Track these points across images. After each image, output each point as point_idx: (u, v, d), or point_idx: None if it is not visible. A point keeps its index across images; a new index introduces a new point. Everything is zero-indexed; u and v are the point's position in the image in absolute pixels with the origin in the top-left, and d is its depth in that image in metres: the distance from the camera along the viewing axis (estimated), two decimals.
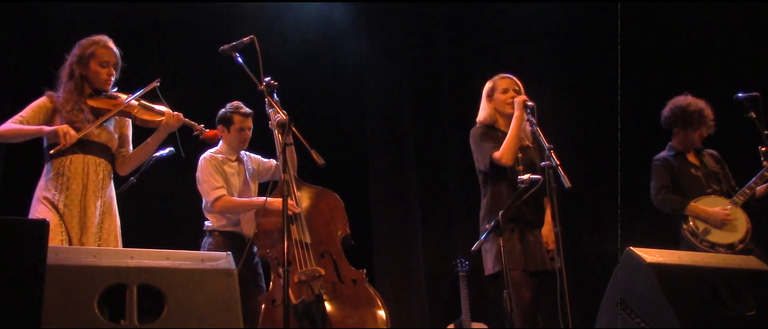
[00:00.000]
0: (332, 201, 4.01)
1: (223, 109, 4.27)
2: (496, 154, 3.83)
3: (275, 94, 4.00)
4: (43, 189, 3.29)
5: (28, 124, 3.31)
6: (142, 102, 3.49)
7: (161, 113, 3.49)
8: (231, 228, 4.14)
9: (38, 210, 3.22)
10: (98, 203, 3.31)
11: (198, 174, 4.19)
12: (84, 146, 3.33)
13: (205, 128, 3.63)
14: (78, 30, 3.60)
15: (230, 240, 4.07)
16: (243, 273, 4.00)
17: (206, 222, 4.21)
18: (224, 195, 4.08)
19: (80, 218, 3.25)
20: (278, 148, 3.95)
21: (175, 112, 3.49)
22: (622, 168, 5.93)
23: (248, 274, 4.05)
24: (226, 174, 4.17)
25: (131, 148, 3.60)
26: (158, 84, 3.48)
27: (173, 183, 5.59)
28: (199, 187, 4.18)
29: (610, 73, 6.36)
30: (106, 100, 3.43)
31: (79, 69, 3.40)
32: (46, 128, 3.29)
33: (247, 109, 4.26)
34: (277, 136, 3.80)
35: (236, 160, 4.26)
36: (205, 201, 4.16)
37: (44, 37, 5.43)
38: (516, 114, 3.85)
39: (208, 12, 6.11)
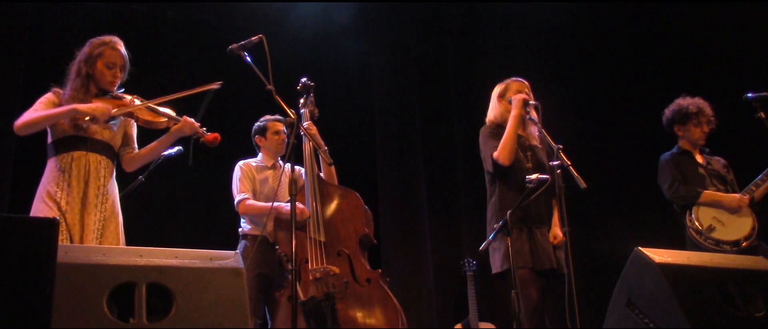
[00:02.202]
0: (353, 200, 4.01)
1: (256, 123, 4.46)
2: (495, 154, 3.84)
3: (312, 94, 4.12)
4: (45, 185, 3.29)
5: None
6: (148, 104, 3.50)
7: (165, 115, 3.50)
8: (261, 232, 4.19)
9: (39, 208, 3.23)
10: (99, 201, 3.31)
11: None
12: (87, 143, 3.34)
13: (207, 131, 3.59)
14: (86, 29, 3.62)
15: (263, 244, 4.13)
16: (270, 274, 4.06)
17: (239, 228, 4.31)
18: (245, 198, 4.19)
19: (81, 216, 3.25)
20: (307, 151, 4.06)
21: (189, 119, 3.50)
22: (630, 168, 5.93)
23: (275, 275, 4.08)
24: (257, 181, 4.29)
25: (136, 145, 3.60)
26: (217, 87, 3.51)
27: (182, 182, 5.61)
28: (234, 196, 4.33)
29: (618, 73, 6.38)
30: (111, 101, 3.44)
31: (86, 67, 3.42)
32: (81, 106, 3.29)
33: (278, 116, 4.41)
34: (306, 131, 3.86)
35: (272, 167, 4.38)
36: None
37: (53, 35, 5.45)
38: (513, 113, 3.85)
39: (214, 11, 6.13)
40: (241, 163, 4.36)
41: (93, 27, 3.66)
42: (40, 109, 3.33)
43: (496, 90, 4.10)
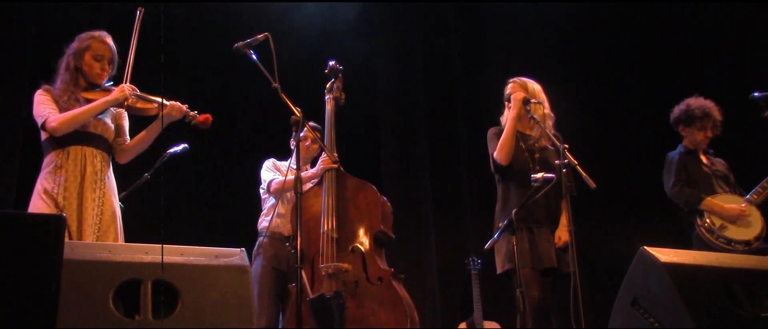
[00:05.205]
0: (370, 195, 3.90)
1: None
2: (495, 153, 3.84)
3: (340, 78, 4.09)
4: (42, 182, 3.30)
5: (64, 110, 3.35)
6: (137, 92, 3.51)
7: (155, 101, 3.49)
8: (278, 230, 4.25)
9: (37, 205, 3.24)
10: (96, 195, 3.31)
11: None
12: (81, 137, 3.35)
13: (198, 113, 3.55)
14: (91, 27, 3.62)
15: (277, 240, 4.20)
16: (287, 271, 4.06)
17: (259, 225, 4.34)
18: (273, 179, 4.23)
19: (78, 209, 3.26)
20: (327, 141, 4.03)
21: (175, 102, 3.48)
22: (636, 167, 5.92)
23: (291, 272, 4.07)
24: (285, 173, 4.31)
25: (128, 138, 3.60)
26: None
27: (187, 179, 5.62)
28: (260, 189, 4.35)
29: (624, 72, 6.37)
30: (101, 93, 3.45)
31: (74, 61, 3.44)
32: (110, 97, 3.37)
33: (311, 123, 4.30)
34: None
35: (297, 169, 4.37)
36: (264, 190, 4.33)
37: (59, 34, 5.45)
38: (511, 113, 3.85)
39: (219, 10, 6.13)
40: (269, 160, 4.39)
41: (97, 25, 3.66)
42: (53, 107, 3.33)
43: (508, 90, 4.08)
